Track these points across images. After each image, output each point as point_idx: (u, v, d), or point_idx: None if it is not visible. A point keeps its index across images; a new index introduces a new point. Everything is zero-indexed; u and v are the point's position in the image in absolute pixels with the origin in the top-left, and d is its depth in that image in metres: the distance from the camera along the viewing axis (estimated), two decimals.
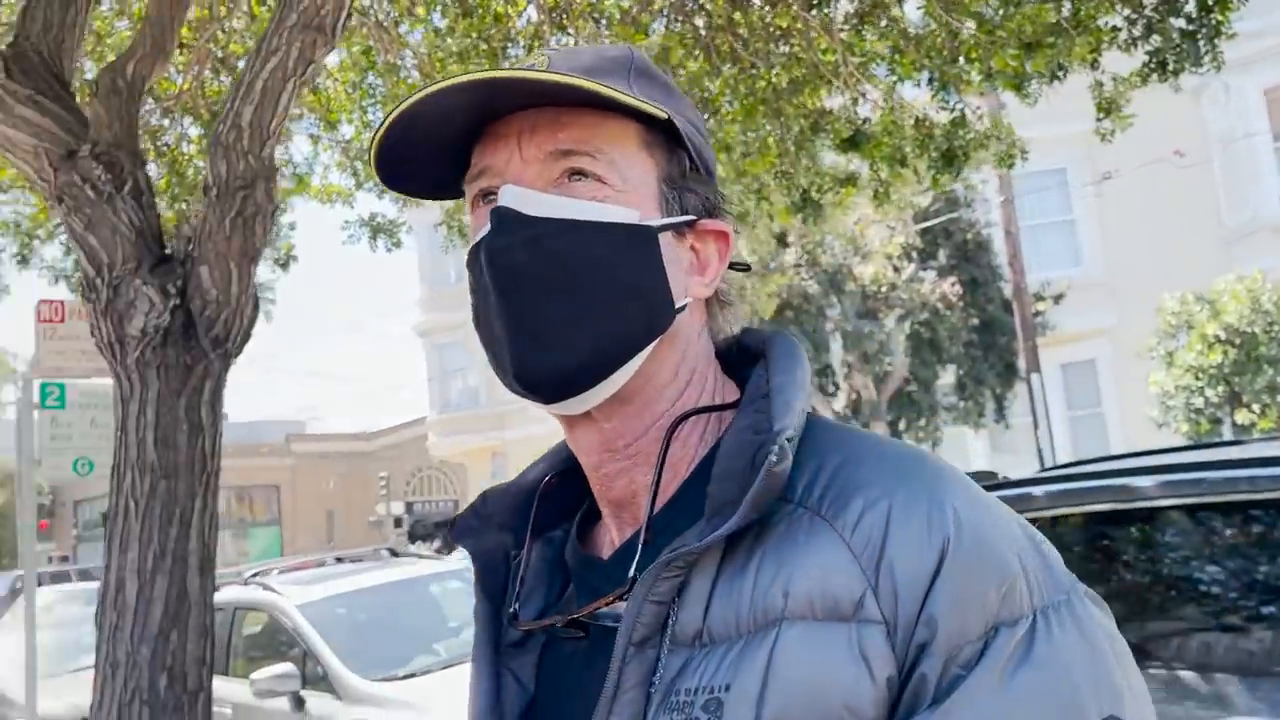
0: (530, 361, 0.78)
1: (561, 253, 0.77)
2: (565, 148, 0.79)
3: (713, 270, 0.86)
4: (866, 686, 0.67)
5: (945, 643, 0.67)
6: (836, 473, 0.74)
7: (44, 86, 3.24)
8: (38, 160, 3.17)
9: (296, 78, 3.07)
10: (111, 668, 2.92)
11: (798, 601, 0.70)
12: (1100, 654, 0.70)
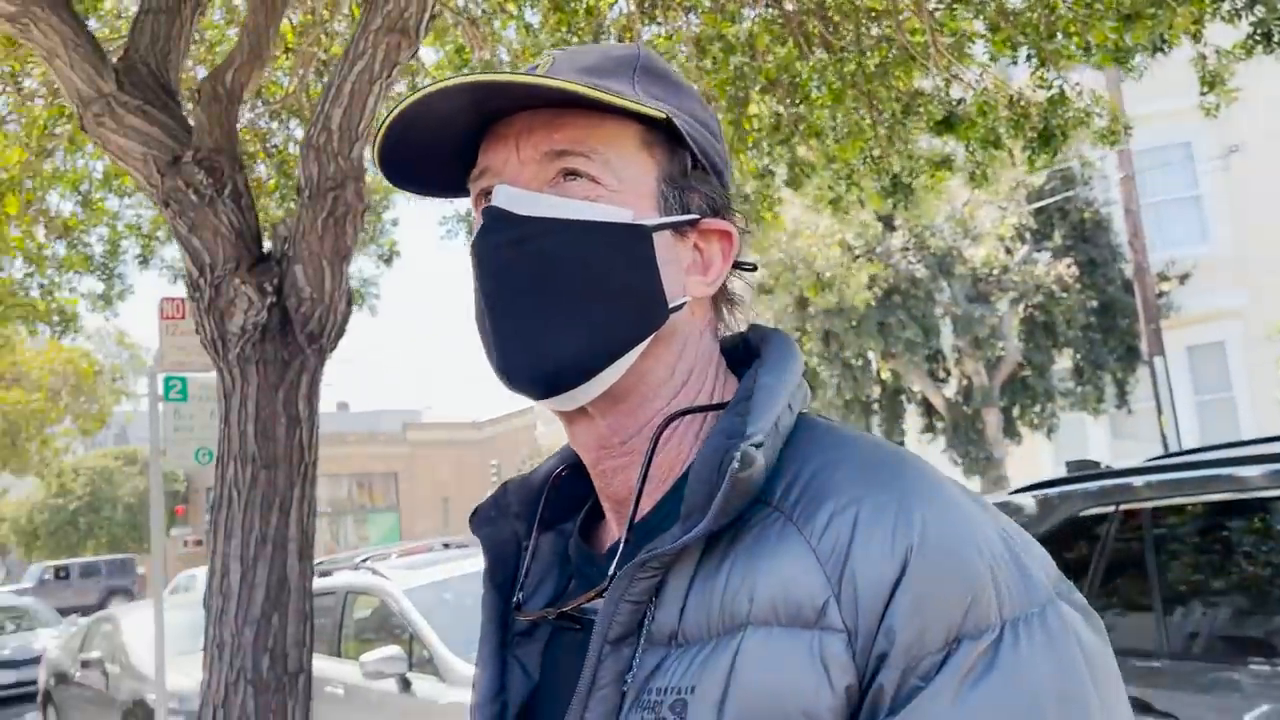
0: (517, 359, 0.80)
1: (550, 252, 0.78)
2: (560, 148, 0.80)
3: (716, 270, 0.86)
4: (826, 695, 0.66)
5: (903, 653, 0.66)
6: (812, 478, 0.74)
7: (151, 97, 3.42)
8: (146, 167, 3.34)
9: (382, 80, 3.16)
10: (218, 649, 3.08)
11: (762, 607, 0.70)
12: (1070, 668, 0.68)
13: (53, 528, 39.43)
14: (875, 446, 0.78)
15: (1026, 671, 0.66)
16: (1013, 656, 0.66)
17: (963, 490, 0.75)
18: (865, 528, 0.69)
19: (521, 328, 0.79)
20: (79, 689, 10.44)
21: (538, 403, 0.83)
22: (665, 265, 0.81)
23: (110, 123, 3.36)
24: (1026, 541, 0.74)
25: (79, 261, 6.05)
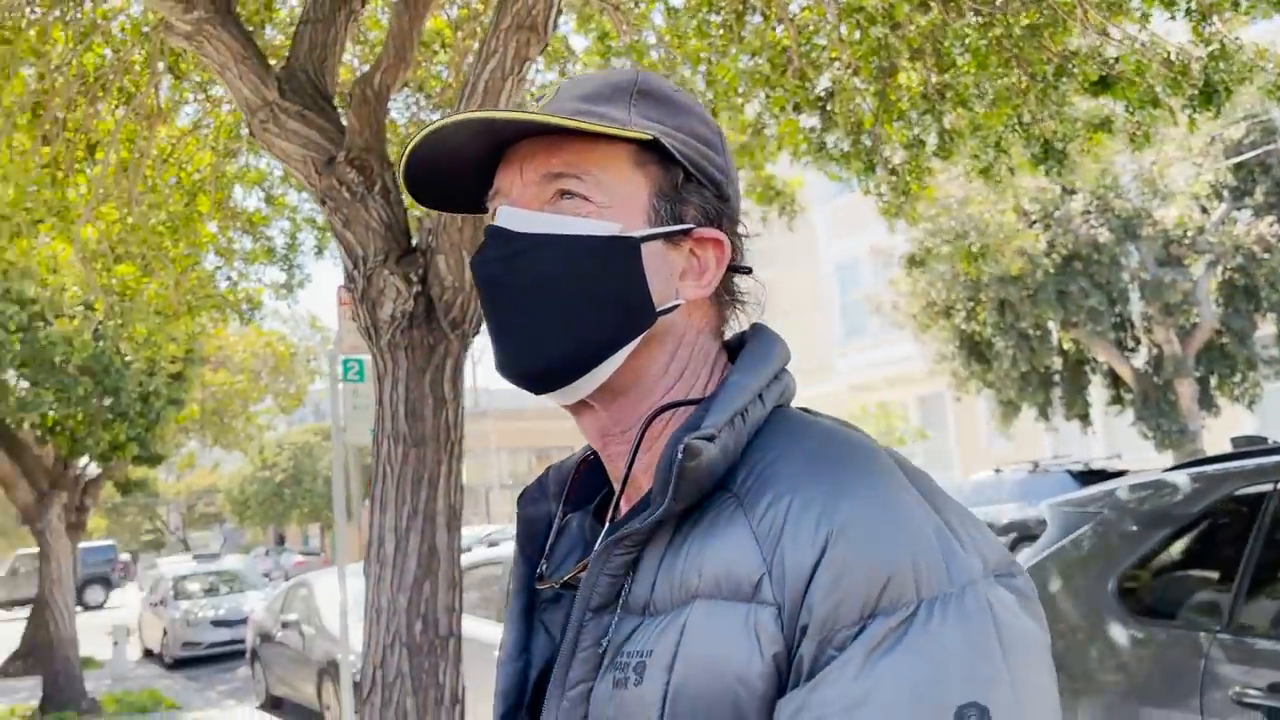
0: (514, 358, 0.89)
1: (542, 262, 0.87)
2: (556, 171, 0.88)
3: (710, 274, 0.92)
4: (756, 661, 0.73)
5: (820, 627, 0.72)
6: (766, 467, 0.81)
7: (309, 102, 3.67)
8: (306, 167, 3.61)
9: (514, 76, 3.29)
10: (376, 613, 3.33)
11: (708, 581, 0.77)
12: (980, 644, 0.71)
13: (261, 499, 42.61)
14: (829, 441, 0.83)
15: (934, 646, 0.71)
16: (923, 632, 0.71)
17: (902, 485, 0.79)
18: (795, 514, 0.76)
19: (516, 330, 0.88)
20: (280, 648, 11.32)
21: (545, 396, 0.91)
22: (654, 272, 0.89)
23: (274, 128, 3.63)
24: (968, 529, 0.78)
25: (262, 254, 6.55)
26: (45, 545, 12.39)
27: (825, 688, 0.71)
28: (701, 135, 0.94)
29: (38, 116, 5.38)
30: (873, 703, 0.70)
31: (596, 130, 0.86)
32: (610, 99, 0.92)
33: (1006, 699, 0.71)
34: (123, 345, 7.44)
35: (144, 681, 14.14)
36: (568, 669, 0.84)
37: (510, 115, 0.87)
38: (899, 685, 0.70)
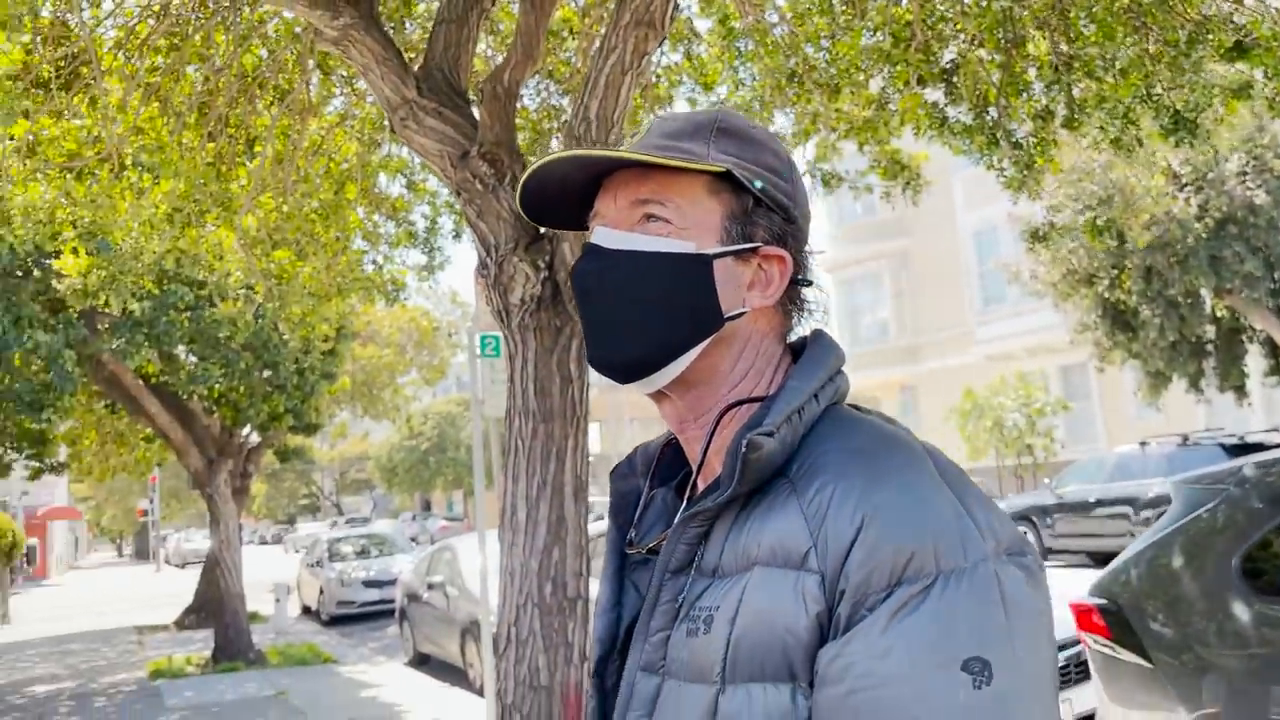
0: (603, 353, 1.07)
1: (628, 275, 1.04)
2: (643, 198, 1.05)
3: (774, 286, 1.07)
4: (802, 617, 0.89)
5: (854, 592, 0.88)
6: (816, 459, 0.96)
7: (445, 99, 3.93)
8: (442, 161, 3.87)
9: (633, 71, 3.46)
10: (509, 576, 3.59)
11: (765, 551, 0.94)
12: (988, 612, 0.86)
13: (407, 466, 44.44)
14: (871, 437, 0.98)
15: (948, 610, 0.85)
16: (939, 598, 0.86)
17: (930, 476, 0.94)
18: (838, 500, 0.91)
19: (605, 330, 1.06)
20: (427, 607, 11.94)
21: (623, 386, 1.08)
22: (724, 284, 1.05)
23: (413, 125, 3.91)
24: (985, 515, 0.92)
25: (405, 237, 6.93)
26: (214, 508, 13.37)
27: (857, 641, 0.87)
28: (771, 166, 1.09)
29: (203, 115, 5.83)
30: (895, 653, 0.85)
31: (674, 165, 1.03)
32: (693, 136, 1.08)
33: (1006, 655, 0.85)
34: (280, 324, 7.98)
35: (303, 636, 15.11)
36: (650, 619, 1.02)
37: (605, 154, 1.05)
38: (917, 640, 0.85)
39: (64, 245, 5.92)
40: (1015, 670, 0.86)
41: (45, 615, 22.94)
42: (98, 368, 12.05)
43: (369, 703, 9.65)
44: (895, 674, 0.85)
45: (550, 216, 1.16)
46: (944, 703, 0.84)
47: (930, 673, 0.84)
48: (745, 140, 1.09)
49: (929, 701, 0.84)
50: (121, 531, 63.23)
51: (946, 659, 0.84)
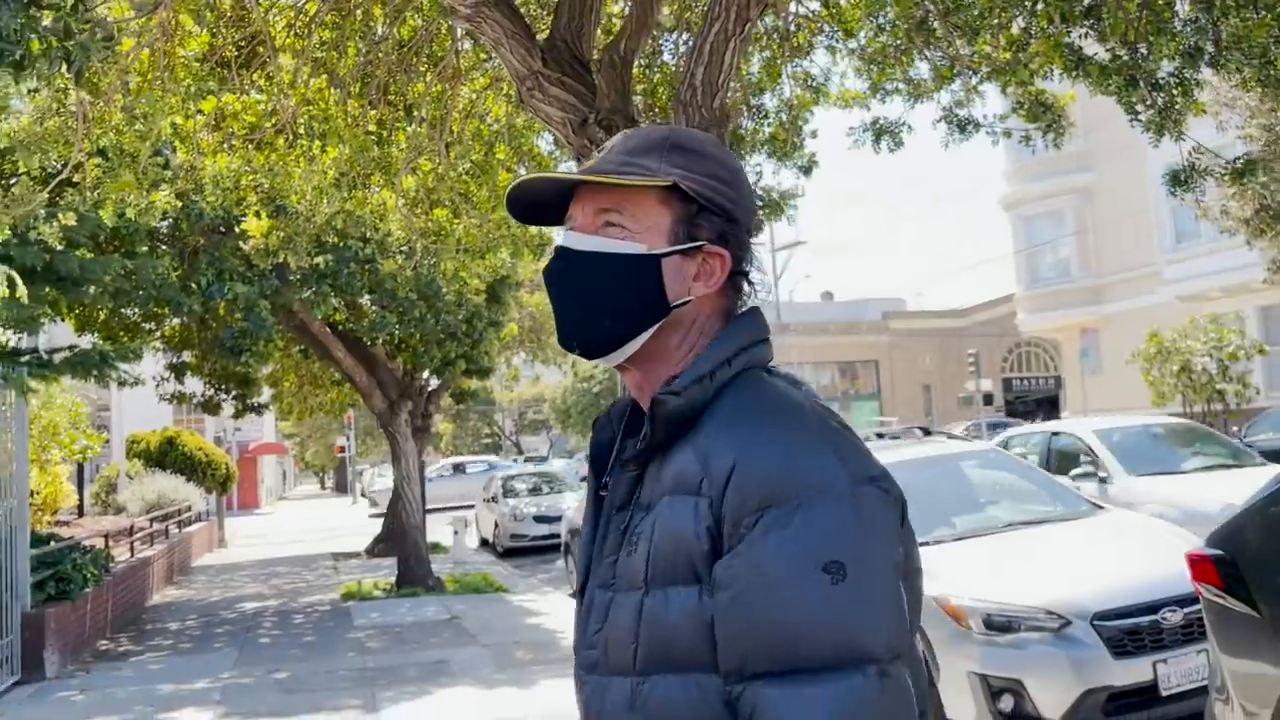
0: (569, 336, 1.33)
1: (589, 272, 1.29)
2: (603, 207, 1.29)
3: (716, 278, 1.30)
4: (700, 530, 1.14)
5: (732, 515, 1.12)
6: (715, 411, 1.21)
7: (567, 69, 4.20)
8: (564, 128, 4.16)
9: (737, 37, 3.63)
10: None
11: (670, 482, 1.19)
12: (842, 525, 1.09)
13: (580, 408, 45.87)
14: (762, 395, 1.22)
15: (809, 525, 1.09)
16: (802, 517, 1.09)
17: (804, 425, 1.17)
18: (720, 441, 1.17)
19: (571, 316, 1.32)
20: None
21: (590, 361, 1.33)
22: (671, 277, 1.28)
23: (539, 94, 4.20)
24: (850, 454, 1.16)
25: None
26: (396, 446, 14.38)
27: (737, 556, 1.11)
28: (716, 174, 1.31)
29: (366, 85, 6.33)
30: (766, 562, 1.09)
31: (628, 184, 1.27)
32: (648, 152, 1.31)
33: (857, 557, 1.09)
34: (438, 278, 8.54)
35: (478, 566, 16.11)
36: (603, 546, 1.29)
37: (569, 176, 1.30)
38: (785, 550, 1.09)
39: (248, 209, 6.61)
40: (867, 569, 1.09)
41: (255, 541, 25.20)
42: (289, 316, 13.12)
43: (534, 629, 10.32)
44: (768, 579, 1.09)
45: (536, 217, 1.41)
46: (807, 598, 1.08)
47: (795, 575, 1.08)
48: (694, 154, 1.31)
49: (795, 598, 1.08)
50: (323, 466, 68.02)
51: (808, 563, 1.08)
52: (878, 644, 1.08)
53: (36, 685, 8.49)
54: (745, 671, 1.10)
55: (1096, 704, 5.02)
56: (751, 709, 1.09)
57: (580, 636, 1.31)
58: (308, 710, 7.28)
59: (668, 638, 1.15)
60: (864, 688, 1.06)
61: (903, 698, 1.09)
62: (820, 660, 1.07)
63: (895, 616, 1.11)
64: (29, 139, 5.23)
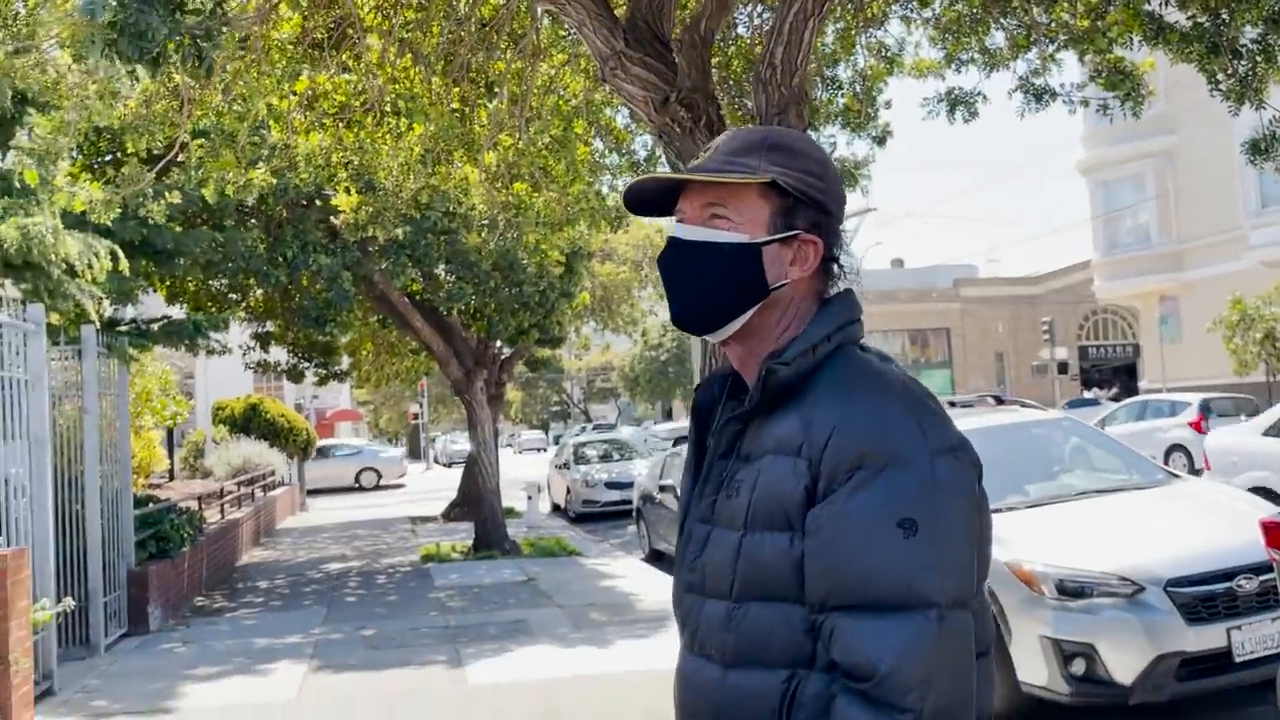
0: (680, 316, 1.50)
1: (698, 259, 1.45)
2: (708, 201, 1.46)
3: (810, 263, 1.46)
4: (797, 487, 1.32)
5: (827, 475, 1.29)
6: (816, 383, 1.37)
7: (648, 49, 4.34)
8: (646, 107, 4.30)
9: (815, 18, 3.74)
10: None
11: (774, 443, 1.37)
12: (921, 489, 1.26)
13: (648, 377, 46.16)
14: (858, 369, 1.38)
15: (890, 486, 1.26)
16: (886, 479, 1.27)
17: (895, 397, 1.34)
18: (821, 411, 1.33)
19: (682, 299, 1.49)
20: (660, 508, 12.80)
21: (698, 337, 1.50)
22: (771, 263, 1.44)
23: (621, 73, 4.35)
24: (933, 425, 1.32)
25: (627, 167, 7.45)
26: (472, 413, 14.75)
27: (827, 509, 1.29)
28: (810, 170, 1.47)
29: (449, 64, 6.53)
30: (850, 515, 1.27)
31: (731, 181, 1.43)
32: (748, 152, 1.46)
33: (930, 516, 1.26)
34: (518, 250, 8.75)
35: (551, 531, 16.48)
36: (704, 488, 1.48)
37: (680, 177, 1.47)
38: (865, 506, 1.27)
39: (338, 185, 6.87)
40: (936, 527, 1.27)
41: (334, 505, 25.98)
42: (370, 286, 13.50)
43: (608, 591, 10.59)
44: (851, 529, 1.27)
45: (648, 209, 1.59)
46: (882, 548, 1.26)
47: (871, 528, 1.26)
48: (790, 152, 1.47)
49: (872, 547, 1.26)
50: (396, 432, 69.47)
51: (884, 518, 1.26)
52: (940, 592, 1.26)
53: (142, 637, 9.01)
54: (827, 604, 1.29)
55: (1169, 669, 5.08)
56: (830, 633, 1.28)
57: (682, 560, 1.50)
58: (396, 665, 7.63)
59: (761, 573, 1.34)
60: (925, 627, 1.24)
61: (959, 640, 1.27)
62: (890, 601, 1.25)
63: (959, 569, 1.29)
64: (136, 122, 5.53)
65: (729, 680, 1.37)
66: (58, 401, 7.87)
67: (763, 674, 1.33)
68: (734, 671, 1.36)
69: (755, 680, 1.34)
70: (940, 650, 1.24)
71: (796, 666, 1.32)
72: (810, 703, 1.30)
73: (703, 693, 1.41)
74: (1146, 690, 5.10)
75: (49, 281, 7.61)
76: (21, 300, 7.07)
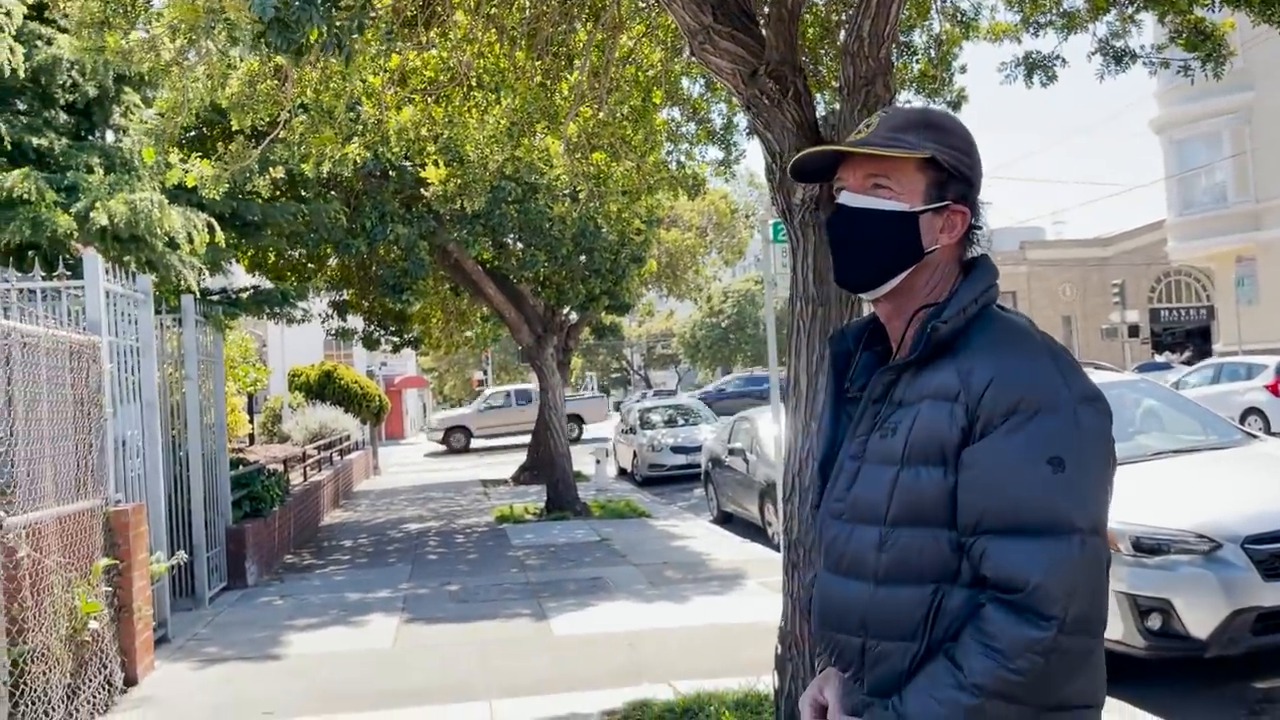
0: (846, 274, 1.71)
1: (863, 225, 1.65)
2: (871, 172, 1.66)
3: (956, 231, 1.66)
4: (954, 428, 1.52)
5: (984, 418, 1.49)
6: (970, 340, 1.57)
7: (736, 23, 4.48)
8: (734, 79, 4.45)
9: None
10: (794, 434, 4.28)
11: (932, 390, 1.57)
12: (1066, 431, 1.46)
13: (709, 342, 46.25)
14: (1004, 328, 1.58)
15: (1040, 429, 1.46)
16: (1037, 422, 1.47)
17: (1040, 351, 1.54)
18: (978, 364, 1.53)
19: (847, 259, 1.69)
20: (728, 471, 13.02)
21: (860, 295, 1.69)
22: (925, 229, 1.65)
23: (709, 48, 4.50)
24: (1073, 376, 1.52)
25: (704, 136, 7.60)
26: (543, 378, 15.08)
27: (982, 445, 1.49)
28: (960, 148, 1.67)
29: (533, 38, 6.72)
30: (1004, 453, 1.47)
31: (895, 154, 1.63)
32: (907, 130, 1.66)
33: (1075, 456, 1.46)
34: (598, 218, 8.96)
35: (620, 494, 16.80)
36: (858, 427, 1.68)
37: (847, 148, 1.67)
38: (1018, 445, 1.47)
39: (427, 158, 7.13)
40: (1080, 465, 1.47)
41: (406, 469, 26.64)
42: (444, 255, 13.83)
43: (680, 550, 10.86)
44: (1003, 464, 1.48)
45: (803, 177, 1.79)
46: (1033, 481, 1.46)
47: (1024, 464, 1.47)
48: (944, 131, 1.67)
49: (1024, 479, 1.47)
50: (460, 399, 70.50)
51: (1036, 456, 1.46)
52: (1082, 519, 1.46)
53: (241, 591, 9.50)
54: (980, 528, 1.49)
55: (1245, 623, 5.19)
56: (981, 553, 1.49)
57: (830, 491, 1.72)
58: (483, 618, 7.99)
59: (917, 501, 1.55)
60: (1069, 550, 1.45)
61: (1096, 561, 1.48)
62: (1037, 526, 1.46)
63: (1098, 502, 1.49)
64: (242, 101, 5.82)
65: (879, 594, 1.58)
66: (161, 368, 8.30)
67: (911, 589, 1.55)
68: (884, 588, 1.58)
69: (904, 594, 1.55)
70: (1081, 569, 1.45)
71: (941, 582, 1.53)
72: (953, 612, 1.51)
73: (851, 607, 1.62)
74: (1222, 644, 5.21)
75: (152, 254, 8.01)
76: (130, 271, 7.47)
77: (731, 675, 5.57)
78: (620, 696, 5.56)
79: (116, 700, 5.91)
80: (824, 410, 1.81)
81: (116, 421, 6.72)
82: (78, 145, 8.61)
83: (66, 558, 5.41)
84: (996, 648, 1.44)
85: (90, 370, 6.13)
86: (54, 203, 7.36)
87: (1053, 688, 1.46)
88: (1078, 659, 1.46)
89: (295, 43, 2.70)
